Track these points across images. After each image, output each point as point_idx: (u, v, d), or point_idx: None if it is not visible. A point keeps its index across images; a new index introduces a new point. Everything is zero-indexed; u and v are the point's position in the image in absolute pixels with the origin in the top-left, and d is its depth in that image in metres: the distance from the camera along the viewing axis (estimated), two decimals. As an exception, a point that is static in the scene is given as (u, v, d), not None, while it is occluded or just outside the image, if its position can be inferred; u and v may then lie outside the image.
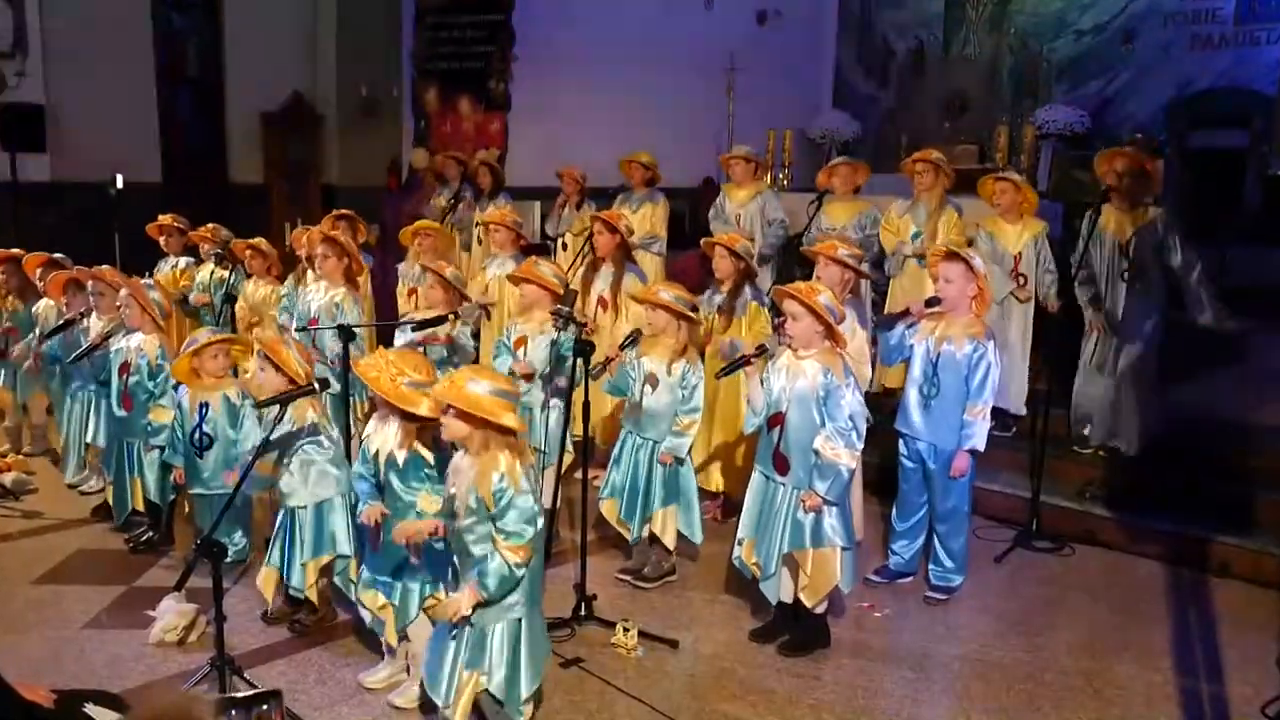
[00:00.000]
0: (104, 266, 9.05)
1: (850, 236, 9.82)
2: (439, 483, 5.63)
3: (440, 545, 5.60)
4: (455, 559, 5.32)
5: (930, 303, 7.35)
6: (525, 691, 5.22)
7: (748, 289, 8.57)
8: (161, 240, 11.30)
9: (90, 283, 8.83)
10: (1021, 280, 9.48)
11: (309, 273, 9.75)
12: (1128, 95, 16.09)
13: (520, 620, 5.19)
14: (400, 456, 5.73)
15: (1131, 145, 10.02)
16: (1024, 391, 9.76)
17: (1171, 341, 9.11)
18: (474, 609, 5.10)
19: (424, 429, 5.66)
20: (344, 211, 10.99)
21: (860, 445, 6.37)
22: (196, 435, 7.23)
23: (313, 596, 6.74)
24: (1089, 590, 7.87)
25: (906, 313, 7.50)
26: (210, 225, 10.87)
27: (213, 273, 10.53)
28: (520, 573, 5.05)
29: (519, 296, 8.44)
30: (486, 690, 5.21)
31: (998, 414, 9.62)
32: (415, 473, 5.71)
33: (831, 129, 17.82)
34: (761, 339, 7.76)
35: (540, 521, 5.11)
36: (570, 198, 12.69)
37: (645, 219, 11.99)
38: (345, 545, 6.58)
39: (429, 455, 5.68)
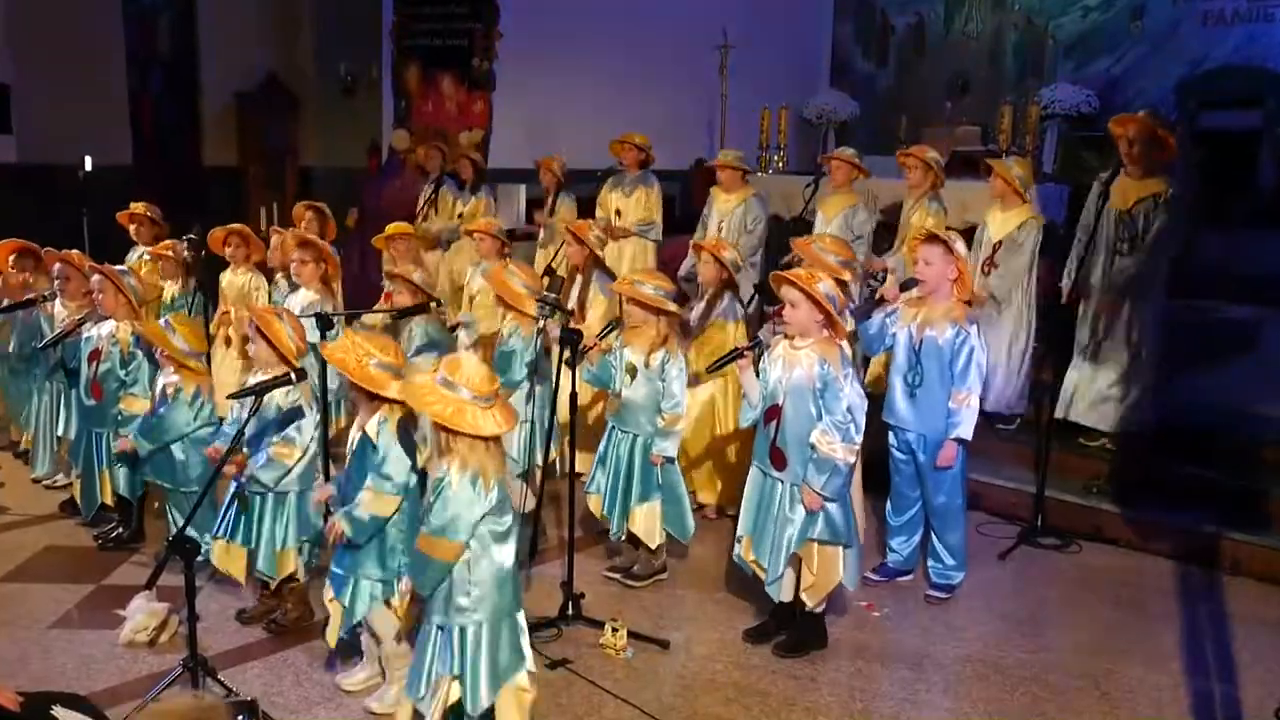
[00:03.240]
0: (73, 251, 9.03)
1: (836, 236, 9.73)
2: (383, 479, 5.64)
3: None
4: None
5: (905, 286, 7.36)
6: (484, 702, 5.12)
7: (727, 298, 8.56)
8: (132, 229, 11.21)
9: (56, 266, 8.81)
10: (986, 270, 9.44)
11: (282, 279, 9.82)
12: (1137, 74, 16.11)
13: (481, 624, 5.10)
14: (355, 438, 5.75)
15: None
16: (1023, 390, 9.74)
17: (1181, 329, 9.11)
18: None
19: (403, 416, 5.68)
20: (315, 203, 10.96)
21: (859, 439, 6.35)
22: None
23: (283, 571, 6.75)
24: (1095, 588, 7.88)
25: (883, 301, 7.49)
26: (168, 242, 10.61)
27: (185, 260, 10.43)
28: (426, 559, 5.00)
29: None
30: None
31: (997, 414, 9.66)
32: (363, 457, 5.70)
33: (829, 109, 17.83)
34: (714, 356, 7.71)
35: (497, 528, 5.08)
36: (548, 190, 12.67)
37: (640, 203, 11.98)
38: (304, 533, 6.65)
39: (375, 439, 5.65)
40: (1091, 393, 9.25)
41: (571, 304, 9.37)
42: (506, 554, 5.13)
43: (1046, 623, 7.34)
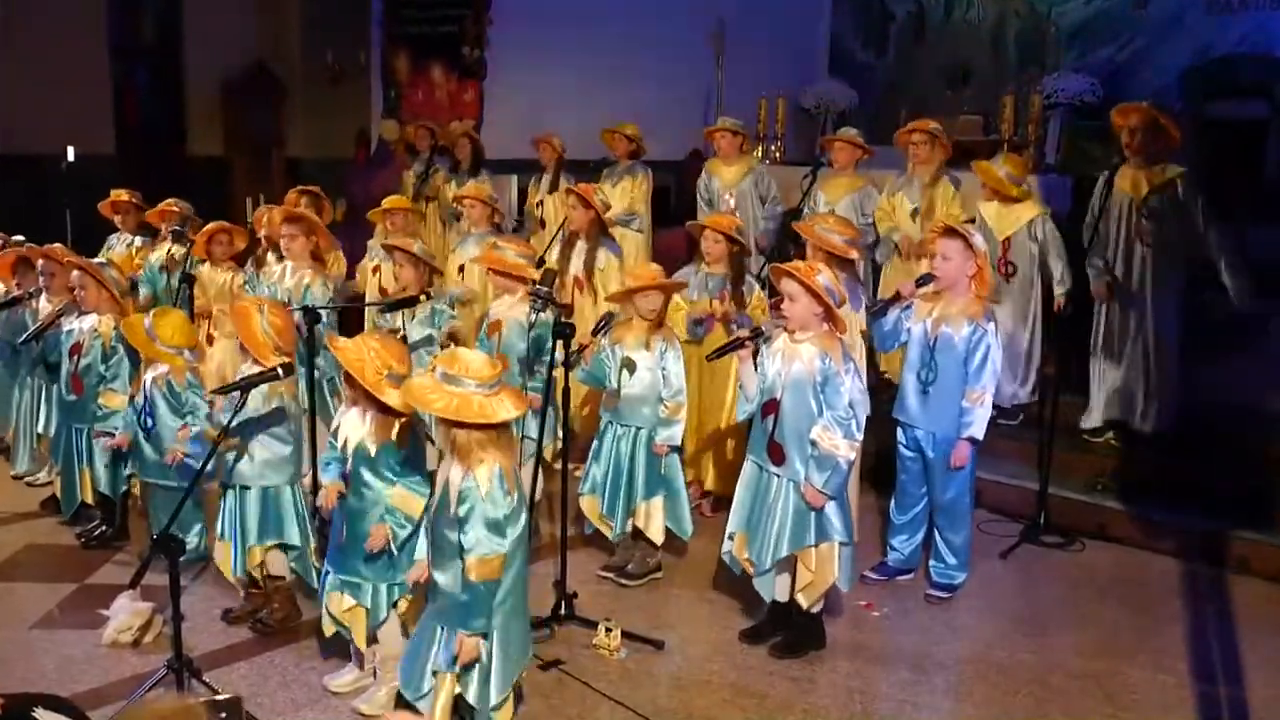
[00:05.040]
0: (55, 245, 9.01)
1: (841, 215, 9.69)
2: (409, 476, 5.66)
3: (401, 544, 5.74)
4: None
5: (921, 281, 7.32)
6: (494, 697, 5.22)
7: (747, 280, 8.50)
8: (117, 218, 11.17)
9: (40, 261, 8.79)
10: (1011, 269, 9.45)
11: (269, 254, 9.74)
12: (1141, 63, 16.03)
13: (494, 629, 5.19)
14: (372, 447, 5.73)
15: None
16: (1028, 384, 9.74)
17: (1187, 324, 9.10)
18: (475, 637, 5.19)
19: (404, 424, 5.69)
20: (309, 187, 10.93)
21: (860, 435, 6.35)
22: (142, 418, 7.20)
23: (255, 570, 6.76)
24: (1100, 588, 7.88)
25: (899, 296, 7.47)
26: (171, 200, 10.73)
27: (169, 252, 10.38)
28: (483, 587, 5.06)
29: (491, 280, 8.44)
30: (462, 695, 5.23)
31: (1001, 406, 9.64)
32: (386, 464, 5.71)
33: (827, 99, 17.75)
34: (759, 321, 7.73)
35: (516, 529, 5.11)
36: (547, 167, 12.67)
37: (625, 194, 11.95)
38: (295, 535, 6.64)
39: (401, 448, 5.67)
40: (1107, 388, 9.26)
41: (575, 271, 9.38)
42: (521, 555, 5.19)
43: (1049, 623, 7.33)
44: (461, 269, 10.32)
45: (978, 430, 7.15)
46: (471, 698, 5.22)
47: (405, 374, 5.62)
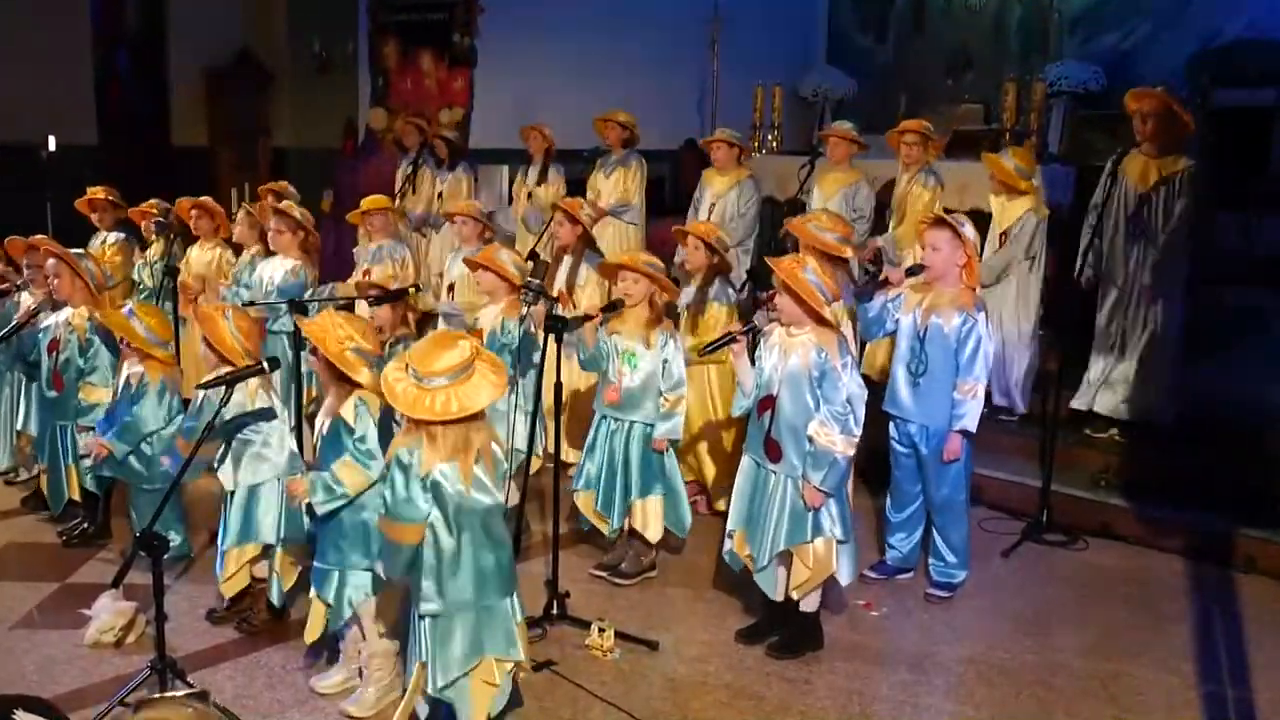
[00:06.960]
0: (38, 236, 8.98)
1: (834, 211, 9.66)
2: (363, 454, 5.66)
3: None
4: None
5: (911, 271, 7.33)
6: (436, 685, 5.10)
7: (717, 283, 8.51)
8: (94, 216, 11.12)
9: (26, 255, 8.78)
10: None
11: (256, 246, 9.79)
12: (1147, 49, 16.00)
13: (435, 618, 5.10)
14: (326, 424, 5.79)
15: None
16: (1030, 377, 9.74)
17: (1194, 316, 9.09)
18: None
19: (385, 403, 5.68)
20: (273, 185, 10.94)
21: (858, 431, 6.32)
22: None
23: (231, 590, 6.77)
24: (1103, 587, 7.88)
25: (886, 282, 7.45)
26: (151, 201, 10.73)
27: (158, 247, 10.42)
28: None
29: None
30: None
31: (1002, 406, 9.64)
32: (336, 440, 5.73)
33: (825, 86, 17.72)
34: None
35: (439, 515, 5.04)
36: (534, 158, 12.67)
37: (618, 184, 11.95)
38: (271, 534, 6.60)
39: (352, 421, 5.67)
40: (1109, 381, 9.25)
41: (559, 287, 9.34)
42: (449, 544, 5.08)
43: (1052, 623, 7.32)
44: (451, 288, 10.22)
45: (970, 423, 7.14)
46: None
47: (371, 349, 5.67)
